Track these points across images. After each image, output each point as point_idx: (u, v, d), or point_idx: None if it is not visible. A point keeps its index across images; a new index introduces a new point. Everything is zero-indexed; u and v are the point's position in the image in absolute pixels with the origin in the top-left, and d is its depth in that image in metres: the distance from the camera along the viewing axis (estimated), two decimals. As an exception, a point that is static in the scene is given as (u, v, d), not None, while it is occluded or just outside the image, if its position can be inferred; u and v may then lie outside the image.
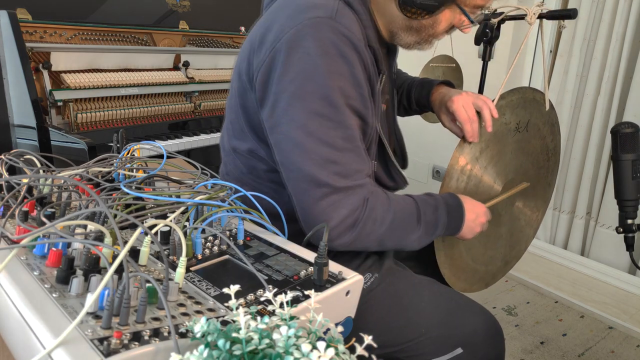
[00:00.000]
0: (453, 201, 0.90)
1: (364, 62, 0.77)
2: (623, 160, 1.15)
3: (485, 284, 1.17)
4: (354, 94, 0.77)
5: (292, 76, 0.75)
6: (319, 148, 0.75)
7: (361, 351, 0.36)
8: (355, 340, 0.37)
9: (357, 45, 0.76)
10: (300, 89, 0.74)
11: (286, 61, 0.75)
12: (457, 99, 0.99)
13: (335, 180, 0.76)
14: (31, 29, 1.65)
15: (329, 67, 0.74)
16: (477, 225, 0.92)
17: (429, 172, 2.77)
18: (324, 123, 0.75)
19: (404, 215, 0.83)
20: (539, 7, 1.06)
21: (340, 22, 0.75)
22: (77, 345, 0.39)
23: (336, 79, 0.74)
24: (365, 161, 0.80)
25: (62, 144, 1.55)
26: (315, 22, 0.74)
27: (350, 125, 0.77)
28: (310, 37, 0.74)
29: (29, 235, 0.50)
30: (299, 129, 0.75)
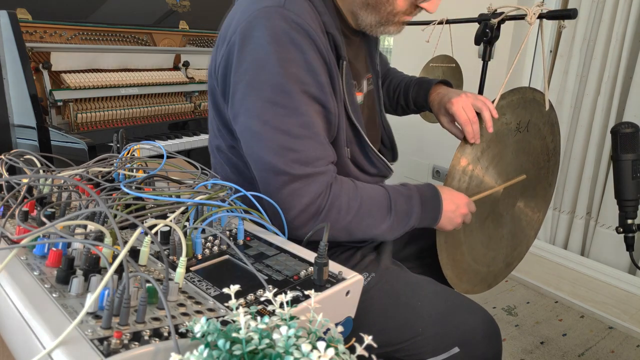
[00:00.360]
0: (429, 192, 0.90)
1: (318, 48, 0.77)
2: (623, 160, 1.15)
3: (487, 285, 1.17)
4: (309, 80, 0.76)
5: (246, 66, 0.76)
6: (276, 136, 0.76)
7: (361, 351, 0.36)
8: (355, 340, 0.37)
9: (309, 31, 0.75)
10: (254, 79, 0.76)
11: (240, 53, 0.77)
12: (456, 101, 0.98)
13: (295, 167, 0.76)
14: (31, 29, 1.65)
15: (280, 54, 0.74)
16: (457, 216, 0.91)
17: (429, 172, 2.77)
18: (278, 111, 0.75)
19: (373, 204, 0.83)
20: (539, 7, 1.06)
21: (290, 9, 0.75)
22: (77, 345, 0.39)
23: (288, 66, 0.75)
24: (326, 148, 0.79)
25: (62, 144, 1.55)
26: (265, 11, 0.75)
27: (306, 112, 0.76)
28: (261, 26, 0.75)
29: (29, 235, 0.50)
30: (255, 118, 0.76)
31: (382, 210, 0.84)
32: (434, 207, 0.89)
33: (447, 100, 1.01)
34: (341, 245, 0.93)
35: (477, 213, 1.05)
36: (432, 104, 1.09)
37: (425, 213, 0.88)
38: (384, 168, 0.95)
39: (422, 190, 0.89)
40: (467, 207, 0.93)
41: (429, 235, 1.13)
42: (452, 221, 0.91)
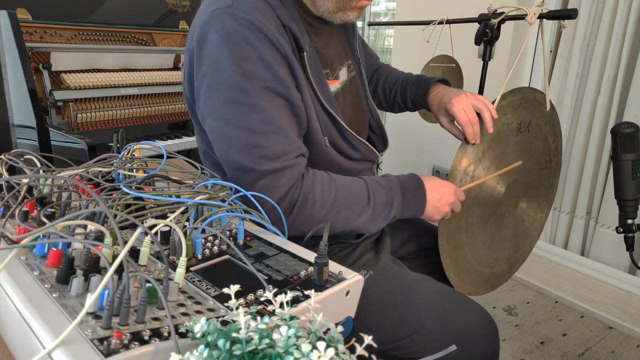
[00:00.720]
0: (412, 181, 0.89)
1: (272, 42, 0.77)
2: (623, 160, 1.15)
3: (490, 287, 1.17)
4: (267, 75, 0.77)
5: (204, 70, 0.78)
6: (239, 134, 0.77)
7: (361, 351, 0.36)
8: (355, 340, 0.37)
9: (259, 26, 0.76)
10: (212, 81, 0.77)
11: (198, 57, 0.79)
12: (456, 101, 0.98)
13: (262, 164, 0.77)
14: (31, 29, 1.65)
15: (234, 54, 0.75)
16: (443, 205, 0.90)
17: (429, 172, 2.77)
18: (239, 109, 0.76)
19: (350, 196, 0.83)
20: (539, 7, 1.06)
21: (239, 7, 0.76)
22: (77, 345, 0.39)
23: (243, 64, 0.75)
24: (293, 141, 0.79)
25: (62, 144, 1.55)
26: (216, 14, 0.77)
27: (267, 107, 0.77)
28: (213, 29, 0.76)
29: (29, 235, 0.50)
30: (218, 119, 0.78)
31: (360, 202, 0.84)
32: (416, 196, 0.88)
33: (447, 101, 1.01)
34: (339, 243, 0.93)
35: (479, 214, 1.05)
36: (432, 104, 1.08)
37: (408, 203, 0.88)
38: (368, 152, 0.95)
39: (403, 180, 0.89)
40: (455, 195, 0.92)
41: (430, 234, 1.13)
42: (440, 210, 0.91)
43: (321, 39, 0.92)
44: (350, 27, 1.04)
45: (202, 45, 0.78)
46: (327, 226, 0.57)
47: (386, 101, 1.21)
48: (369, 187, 0.85)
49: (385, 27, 3.47)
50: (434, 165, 2.74)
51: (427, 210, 0.90)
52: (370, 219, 0.84)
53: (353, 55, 1.04)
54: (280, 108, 0.78)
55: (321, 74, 0.87)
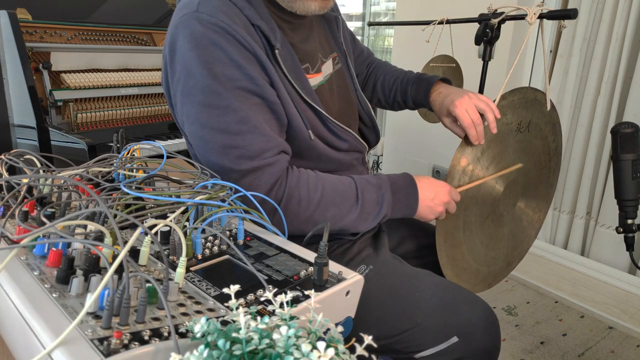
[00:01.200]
0: (404, 181, 0.89)
1: (239, 42, 0.77)
2: (623, 160, 1.15)
3: (488, 285, 1.17)
4: (238, 75, 0.77)
5: (177, 76, 0.79)
6: (215, 136, 0.78)
7: (361, 351, 0.36)
8: (355, 340, 0.37)
9: (226, 28, 0.76)
10: (185, 86, 0.79)
11: (171, 64, 0.80)
12: (459, 103, 0.97)
13: (241, 163, 0.78)
14: (31, 29, 1.65)
15: (203, 57, 0.76)
16: (437, 204, 0.90)
17: (429, 172, 2.77)
18: (213, 112, 0.77)
19: (337, 195, 0.83)
20: (539, 7, 1.06)
21: (204, 11, 0.77)
22: (77, 345, 0.39)
23: (213, 67, 0.76)
24: (271, 139, 0.79)
25: (62, 144, 1.55)
26: (183, 20, 0.78)
27: (240, 108, 0.77)
28: (181, 35, 0.78)
29: (29, 235, 0.50)
30: (194, 123, 0.79)
31: (348, 201, 0.84)
32: (408, 195, 0.88)
33: (449, 103, 1.00)
34: (337, 240, 0.93)
35: (477, 213, 1.05)
36: (434, 104, 1.08)
37: (399, 202, 0.87)
38: (355, 141, 0.95)
39: (394, 179, 0.89)
40: (449, 195, 0.91)
41: (428, 233, 1.13)
42: (433, 210, 0.90)
43: (298, 33, 0.92)
44: (333, 21, 1.04)
45: (173, 52, 0.80)
46: (327, 226, 0.57)
47: (386, 100, 1.21)
48: (358, 186, 0.85)
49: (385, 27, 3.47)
50: (434, 165, 2.74)
51: (419, 210, 0.89)
52: (358, 217, 0.84)
53: (339, 48, 1.04)
54: (255, 106, 0.79)
55: (299, 69, 0.87)
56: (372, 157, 3.28)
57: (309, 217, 0.81)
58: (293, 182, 0.81)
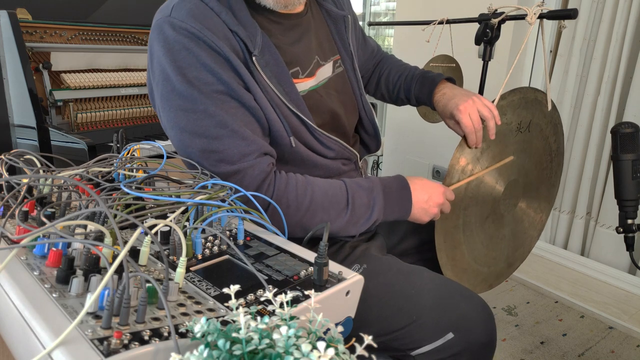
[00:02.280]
0: (396, 183, 0.88)
1: (211, 47, 0.77)
2: (623, 160, 1.15)
3: (488, 286, 1.17)
4: (212, 79, 0.77)
5: (157, 80, 0.80)
6: (194, 141, 0.78)
7: (361, 351, 0.36)
8: (355, 340, 0.37)
9: (196, 33, 0.76)
10: (163, 91, 0.79)
11: (151, 69, 0.82)
12: (463, 108, 0.97)
13: (221, 167, 0.78)
14: (31, 29, 1.65)
15: (176, 62, 0.76)
16: (431, 206, 0.89)
17: (429, 172, 2.77)
18: (190, 116, 0.78)
19: (326, 199, 0.82)
20: (539, 7, 1.06)
21: (176, 16, 0.77)
22: (77, 345, 0.39)
23: (187, 72, 0.76)
24: (251, 142, 0.79)
25: (62, 144, 1.55)
26: (157, 25, 0.79)
27: (217, 112, 0.77)
28: (155, 40, 0.79)
29: (29, 235, 0.50)
30: (174, 127, 0.80)
31: (338, 205, 0.83)
32: (401, 198, 0.87)
33: (453, 106, 1.00)
34: (330, 239, 0.93)
35: (477, 213, 1.05)
36: (437, 105, 1.07)
37: (392, 205, 0.87)
38: (342, 149, 0.94)
39: (386, 182, 0.88)
40: (444, 196, 0.91)
41: (429, 229, 1.13)
42: (427, 211, 0.90)
43: (289, 35, 0.90)
44: (341, 20, 1.01)
45: (152, 57, 0.81)
46: (327, 226, 0.57)
47: (389, 96, 1.20)
48: (349, 190, 0.84)
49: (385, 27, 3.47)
50: (434, 165, 2.74)
51: (413, 212, 0.89)
52: (348, 222, 0.84)
53: (345, 50, 1.01)
54: (233, 110, 0.79)
55: (284, 74, 0.85)
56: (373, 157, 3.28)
57: (298, 222, 0.81)
58: (281, 187, 0.81)
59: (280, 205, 0.79)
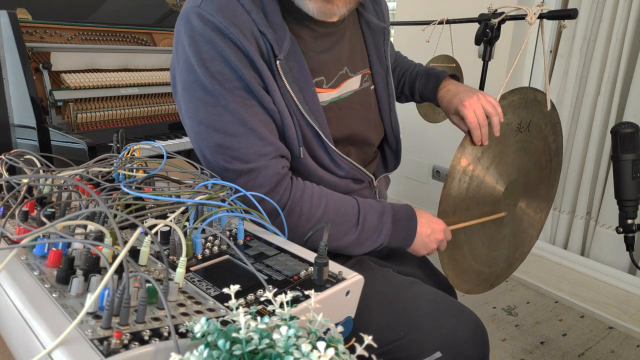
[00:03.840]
0: (405, 212, 0.88)
1: (236, 45, 0.76)
2: (623, 160, 1.15)
3: (489, 286, 1.17)
4: (234, 75, 0.76)
5: (180, 67, 0.79)
6: (211, 135, 0.78)
7: (361, 351, 0.36)
8: (355, 340, 0.37)
9: (223, 29, 0.75)
10: (185, 80, 0.78)
11: (176, 56, 0.81)
12: (468, 104, 0.97)
13: (235, 164, 0.77)
14: (31, 29, 1.65)
15: (201, 55, 0.76)
16: (432, 241, 0.90)
17: (429, 172, 2.77)
18: (210, 110, 0.77)
19: (338, 215, 0.82)
20: (539, 7, 1.06)
21: (205, 9, 0.76)
22: (77, 345, 0.39)
23: (210, 66, 0.76)
24: (268, 142, 0.78)
25: (62, 144, 1.55)
26: (185, 13, 0.78)
27: (237, 109, 0.76)
28: (182, 28, 0.78)
29: (29, 235, 0.50)
30: (192, 118, 0.79)
31: (349, 223, 0.83)
32: (407, 227, 0.88)
33: (458, 102, 0.99)
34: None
35: (478, 213, 1.05)
36: (441, 101, 1.07)
37: (398, 232, 0.87)
38: (354, 171, 0.92)
39: (396, 208, 0.88)
40: (444, 234, 0.93)
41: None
42: (427, 246, 0.91)
43: (320, 43, 0.88)
44: (381, 33, 0.97)
45: (177, 44, 0.80)
46: (327, 226, 0.57)
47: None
48: (360, 209, 0.84)
49: (385, 27, 3.46)
50: (434, 165, 2.74)
51: (414, 244, 0.89)
52: (355, 241, 0.84)
53: (380, 64, 0.98)
54: (253, 108, 0.78)
55: (307, 82, 0.83)
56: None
57: (306, 232, 0.80)
58: (297, 194, 0.80)
59: (293, 213, 0.79)
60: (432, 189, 2.75)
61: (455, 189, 0.98)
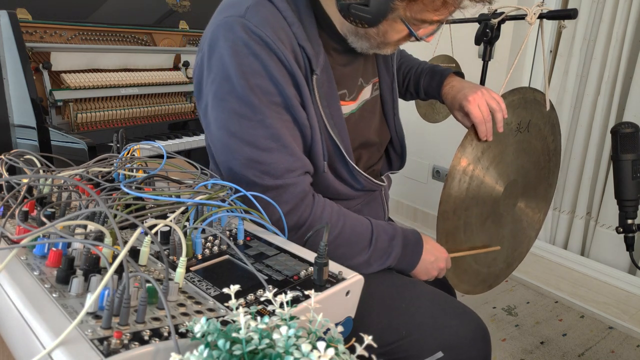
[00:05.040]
0: (413, 237, 0.90)
1: (280, 60, 0.75)
2: (623, 160, 1.15)
3: (488, 286, 1.17)
4: (274, 91, 0.75)
5: (212, 77, 0.77)
6: (242, 148, 0.76)
7: (361, 351, 0.36)
8: (355, 340, 0.37)
9: (269, 43, 0.74)
10: (219, 90, 0.76)
11: (208, 63, 0.78)
12: (472, 99, 0.97)
13: (265, 179, 0.77)
14: (31, 29, 1.64)
15: (242, 67, 0.74)
16: (434, 268, 0.92)
17: (429, 172, 2.77)
18: (244, 123, 0.76)
19: (353, 235, 0.83)
20: (539, 7, 1.06)
21: (250, 20, 0.74)
22: (77, 345, 0.39)
23: (251, 78, 0.74)
24: (297, 159, 0.79)
25: (62, 144, 1.55)
26: (226, 21, 0.76)
27: (273, 124, 0.76)
28: (222, 37, 0.75)
29: (29, 235, 0.50)
30: (223, 128, 0.77)
31: (361, 243, 0.84)
32: (414, 252, 0.89)
33: (462, 97, 1.00)
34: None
35: (478, 213, 1.05)
36: (445, 97, 1.07)
37: (405, 256, 0.88)
38: (369, 184, 0.93)
39: (406, 233, 0.90)
40: (445, 262, 0.94)
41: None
42: (428, 272, 0.92)
43: (344, 57, 0.89)
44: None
45: (212, 51, 0.77)
46: (327, 227, 0.57)
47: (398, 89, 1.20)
48: (374, 232, 0.85)
49: (385, 27, 3.45)
50: (434, 165, 2.74)
51: (417, 269, 0.90)
52: (366, 262, 0.84)
53: (387, 71, 1.00)
54: (286, 123, 0.78)
55: (334, 97, 0.84)
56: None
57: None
58: (318, 212, 0.80)
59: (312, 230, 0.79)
60: (432, 189, 2.75)
61: (456, 189, 0.98)
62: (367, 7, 0.70)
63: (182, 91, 2.02)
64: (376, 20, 0.71)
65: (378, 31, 0.79)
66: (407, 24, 0.75)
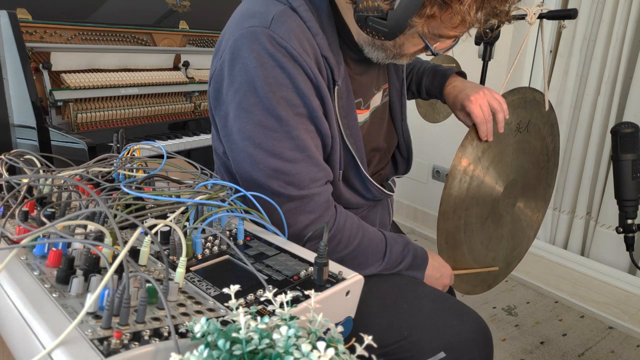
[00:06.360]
0: (422, 251, 0.93)
1: (305, 72, 0.75)
2: (623, 160, 1.15)
3: (487, 286, 1.17)
4: (300, 102, 0.76)
5: (236, 87, 0.76)
6: (268, 160, 0.76)
7: (361, 351, 0.36)
8: (355, 340, 0.37)
9: (294, 55, 0.74)
10: (244, 101, 0.75)
11: (230, 72, 0.76)
12: (474, 99, 0.98)
13: (289, 189, 0.77)
14: (31, 29, 1.64)
15: (268, 79, 0.73)
16: (438, 284, 0.95)
17: (429, 172, 2.77)
18: (269, 134, 0.75)
19: (370, 247, 0.85)
20: (539, 7, 1.06)
21: (276, 31, 0.73)
22: (77, 345, 0.39)
23: (277, 90, 0.74)
24: (321, 169, 0.79)
25: (62, 144, 1.55)
26: (251, 32, 0.74)
27: (299, 136, 0.76)
28: (247, 47, 0.74)
29: (29, 235, 0.50)
30: (247, 140, 0.76)
31: (376, 255, 0.86)
32: (421, 265, 0.92)
33: (464, 97, 1.00)
34: None
35: (478, 213, 1.05)
36: (447, 97, 1.07)
37: (412, 268, 0.91)
38: (379, 194, 0.94)
39: (415, 247, 0.93)
40: (449, 279, 0.97)
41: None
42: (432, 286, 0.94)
43: (360, 66, 0.89)
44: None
45: (235, 60, 0.76)
46: (326, 227, 0.57)
47: None
48: (388, 244, 0.88)
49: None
50: (434, 165, 2.74)
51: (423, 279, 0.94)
52: (378, 271, 0.87)
53: (397, 76, 1.01)
54: (312, 134, 0.78)
55: (352, 106, 0.85)
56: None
57: (340, 258, 0.82)
58: (341, 222, 0.82)
59: (334, 239, 0.80)
60: (432, 189, 2.75)
61: (456, 189, 0.98)
62: (385, 20, 0.69)
63: (182, 91, 2.02)
64: (393, 34, 0.71)
65: (395, 44, 0.79)
66: (424, 39, 0.75)
